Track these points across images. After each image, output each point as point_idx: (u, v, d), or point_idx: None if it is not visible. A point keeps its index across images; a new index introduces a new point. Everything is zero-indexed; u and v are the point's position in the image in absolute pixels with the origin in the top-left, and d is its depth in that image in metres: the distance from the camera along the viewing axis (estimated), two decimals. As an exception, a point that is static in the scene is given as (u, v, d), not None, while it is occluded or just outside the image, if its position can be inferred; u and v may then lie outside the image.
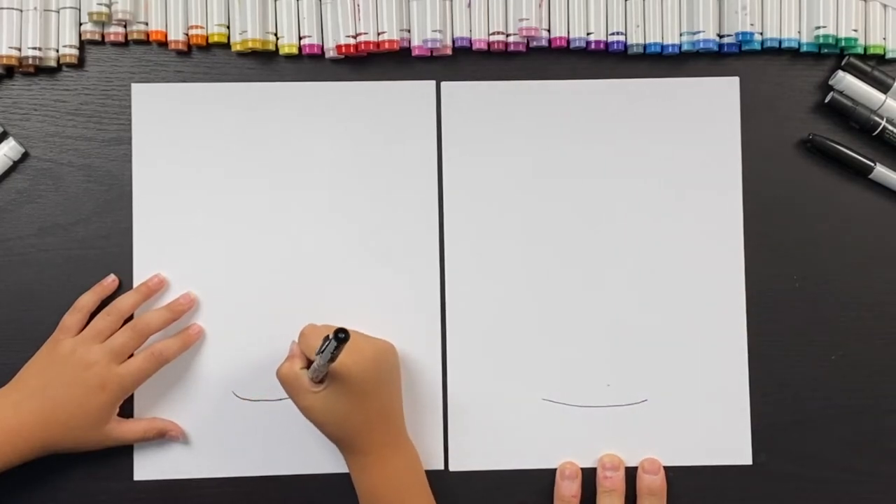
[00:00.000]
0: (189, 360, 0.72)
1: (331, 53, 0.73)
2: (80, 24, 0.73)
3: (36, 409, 0.67)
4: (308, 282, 0.73)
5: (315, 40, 0.73)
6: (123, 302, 0.71)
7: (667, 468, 0.72)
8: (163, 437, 0.71)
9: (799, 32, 0.73)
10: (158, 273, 0.72)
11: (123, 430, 0.70)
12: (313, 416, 0.66)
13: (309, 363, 0.67)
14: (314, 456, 0.72)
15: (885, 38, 0.74)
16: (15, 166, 0.73)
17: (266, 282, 0.73)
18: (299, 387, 0.66)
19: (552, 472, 0.72)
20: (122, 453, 0.71)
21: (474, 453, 0.73)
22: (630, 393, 0.72)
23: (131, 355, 0.70)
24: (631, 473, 0.72)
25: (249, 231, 0.73)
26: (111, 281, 0.72)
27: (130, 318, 0.71)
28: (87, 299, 0.71)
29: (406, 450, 0.70)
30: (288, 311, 0.73)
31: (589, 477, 0.72)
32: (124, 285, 0.72)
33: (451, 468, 0.73)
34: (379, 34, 0.72)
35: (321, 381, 0.65)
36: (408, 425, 0.72)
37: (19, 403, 0.67)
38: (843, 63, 0.74)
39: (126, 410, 0.71)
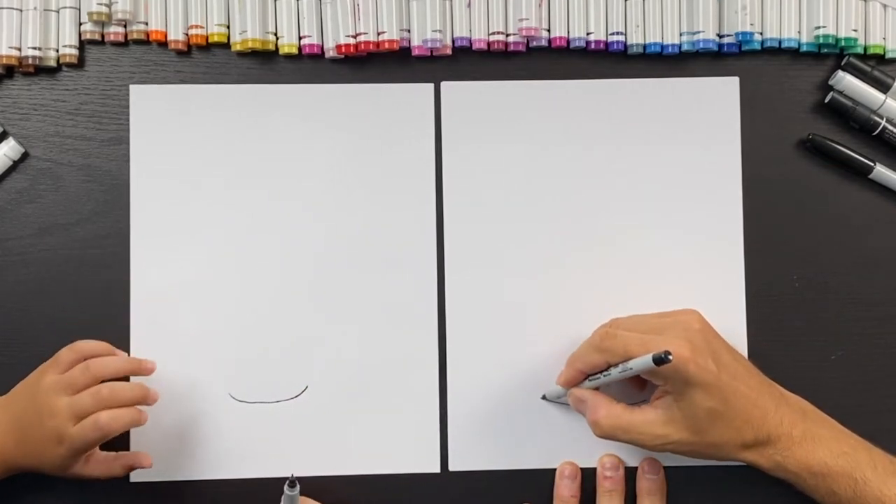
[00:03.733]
0: (185, 362, 0.72)
1: (331, 53, 0.73)
2: (80, 24, 0.73)
3: (15, 433, 0.67)
4: (307, 283, 0.73)
5: (315, 40, 0.73)
6: (105, 366, 0.69)
7: (667, 468, 0.72)
8: (131, 470, 0.70)
9: (799, 32, 0.73)
10: (155, 361, 0.71)
11: (90, 469, 0.68)
12: None
13: None
14: (310, 458, 0.72)
15: (884, 38, 0.74)
16: (15, 166, 0.73)
17: (264, 282, 0.73)
18: None
19: (552, 472, 0.72)
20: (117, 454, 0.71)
21: (474, 453, 0.73)
22: (630, 393, 0.72)
23: None
24: (631, 473, 0.72)
25: (247, 232, 0.73)
26: (121, 355, 0.71)
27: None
28: (90, 347, 0.70)
29: None
30: (286, 312, 0.73)
31: (589, 477, 0.72)
32: (123, 285, 0.72)
33: (451, 468, 0.72)
34: (379, 34, 0.72)
35: None
36: (407, 425, 0.72)
37: (4, 423, 0.67)
38: (842, 63, 0.74)
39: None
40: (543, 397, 0.72)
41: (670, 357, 0.60)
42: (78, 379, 0.68)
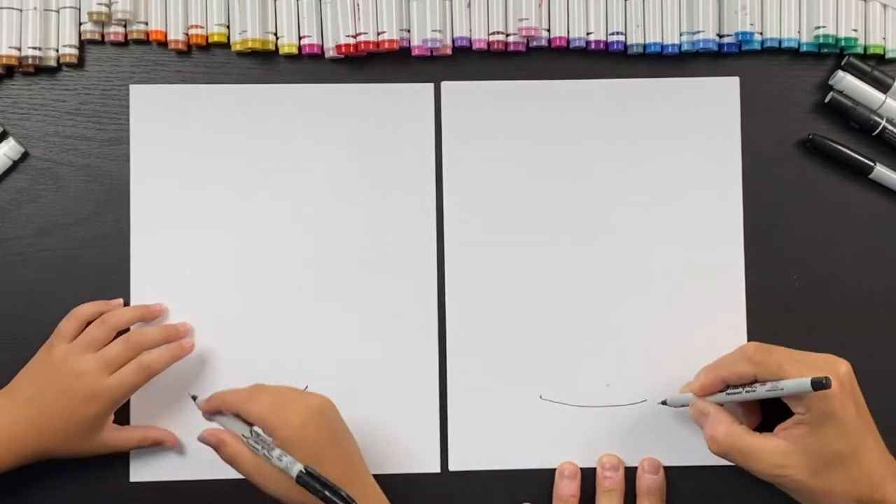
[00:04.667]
0: (185, 361, 0.72)
1: (331, 53, 0.73)
2: (80, 24, 0.73)
3: (30, 417, 0.67)
4: (306, 282, 0.73)
5: (315, 40, 0.73)
6: (120, 316, 0.70)
7: (667, 468, 0.72)
8: (158, 445, 0.71)
9: (799, 32, 0.73)
10: (162, 303, 0.72)
11: (119, 438, 0.69)
12: (274, 488, 0.62)
13: (248, 424, 0.63)
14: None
15: (884, 38, 0.74)
16: (15, 166, 0.73)
17: (263, 282, 0.73)
18: (253, 466, 0.62)
19: (552, 472, 0.72)
20: (119, 454, 0.71)
21: (474, 453, 0.73)
22: (630, 393, 0.72)
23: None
24: (631, 473, 0.72)
25: (247, 232, 0.73)
26: (117, 302, 0.72)
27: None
28: (86, 309, 0.70)
29: (376, 499, 0.66)
30: (286, 312, 0.73)
31: (588, 477, 0.72)
32: (122, 287, 0.72)
33: (451, 468, 0.72)
34: (379, 34, 0.72)
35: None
36: (407, 425, 0.72)
37: (14, 410, 0.67)
38: (842, 63, 0.74)
39: (122, 413, 0.71)
40: (664, 402, 0.71)
41: (830, 383, 0.58)
42: (97, 335, 0.69)
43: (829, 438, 0.62)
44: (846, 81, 0.73)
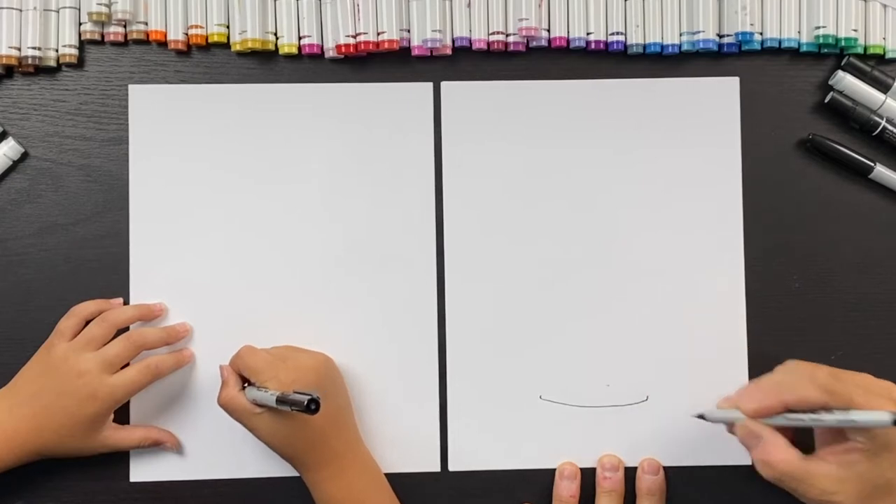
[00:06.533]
0: (185, 361, 0.72)
1: (330, 53, 0.73)
2: (80, 24, 0.73)
3: (29, 416, 0.67)
4: (306, 283, 0.73)
5: (315, 40, 0.73)
6: (120, 314, 0.70)
7: (667, 468, 0.72)
8: (158, 445, 0.71)
9: (799, 32, 0.73)
10: (162, 302, 0.72)
11: (120, 437, 0.70)
12: (263, 436, 0.66)
13: (243, 380, 0.68)
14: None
15: (884, 38, 0.74)
16: (14, 166, 0.73)
17: (263, 282, 0.73)
18: (243, 411, 0.66)
19: (551, 472, 0.72)
20: (119, 454, 0.71)
21: (474, 453, 0.73)
22: (630, 392, 0.72)
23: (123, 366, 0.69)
24: (630, 473, 0.72)
25: (246, 232, 0.73)
26: (117, 301, 0.72)
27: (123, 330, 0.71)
28: (86, 307, 0.71)
29: (363, 458, 0.70)
30: (285, 312, 0.73)
31: (588, 477, 0.72)
32: (122, 287, 0.72)
33: (451, 468, 0.73)
34: (378, 34, 0.72)
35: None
36: (407, 425, 0.72)
37: (13, 409, 0.67)
38: (842, 63, 0.74)
39: (122, 412, 0.71)
40: (701, 416, 0.67)
41: None
42: (97, 333, 0.69)
43: (882, 466, 0.60)
44: (846, 81, 0.73)
